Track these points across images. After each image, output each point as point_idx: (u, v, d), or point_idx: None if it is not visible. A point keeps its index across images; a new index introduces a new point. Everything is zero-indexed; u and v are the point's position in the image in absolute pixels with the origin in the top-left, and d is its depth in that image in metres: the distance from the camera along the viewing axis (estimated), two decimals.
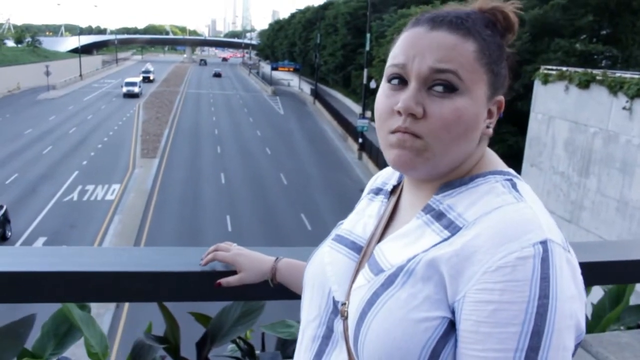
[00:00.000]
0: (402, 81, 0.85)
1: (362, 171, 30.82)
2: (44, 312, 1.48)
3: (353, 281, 0.89)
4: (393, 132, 0.84)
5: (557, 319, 0.71)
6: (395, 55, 0.87)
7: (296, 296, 1.23)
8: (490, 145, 0.93)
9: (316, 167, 31.48)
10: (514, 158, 18.47)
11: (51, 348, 1.53)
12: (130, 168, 29.74)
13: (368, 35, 34.73)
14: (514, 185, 0.84)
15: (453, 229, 0.81)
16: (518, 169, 18.08)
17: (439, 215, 0.84)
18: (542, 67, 17.46)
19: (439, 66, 0.82)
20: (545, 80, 16.83)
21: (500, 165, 0.90)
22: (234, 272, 1.25)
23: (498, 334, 0.71)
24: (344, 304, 0.89)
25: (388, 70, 0.87)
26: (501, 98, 0.88)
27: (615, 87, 13.95)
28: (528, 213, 0.78)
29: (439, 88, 0.82)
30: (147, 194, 25.10)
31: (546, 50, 22.38)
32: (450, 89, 0.82)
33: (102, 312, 13.75)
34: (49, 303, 1.28)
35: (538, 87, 17.27)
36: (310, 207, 24.03)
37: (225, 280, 1.23)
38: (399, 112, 0.83)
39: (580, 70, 15.84)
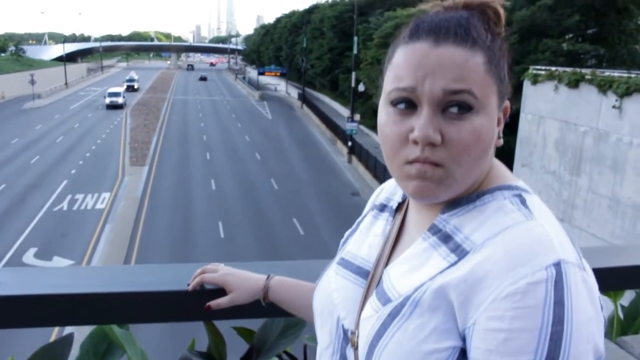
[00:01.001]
0: (410, 105, 0.79)
1: (353, 174, 30.85)
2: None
3: (362, 309, 0.86)
4: (410, 162, 0.79)
5: (572, 344, 0.67)
6: (400, 77, 0.79)
7: (289, 314, 1.22)
8: None
9: (306, 172, 31.47)
10: (505, 158, 18.56)
11: None
12: (120, 176, 29.56)
13: (355, 38, 34.82)
14: (523, 202, 0.79)
15: (460, 252, 0.77)
16: (510, 170, 18.21)
17: (445, 238, 0.80)
18: (531, 67, 17.59)
19: (454, 87, 0.76)
20: (535, 81, 16.95)
21: (509, 178, 0.85)
22: (224, 291, 1.21)
23: None
24: (353, 332, 0.86)
25: (393, 94, 0.80)
26: (507, 103, 0.84)
27: (604, 86, 14.08)
28: (539, 232, 0.73)
29: (455, 109, 0.77)
30: (138, 202, 24.95)
31: (534, 50, 22.55)
32: (466, 108, 0.77)
33: None
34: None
35: (527, 88, 17.39)
36: (302, 212, 24.01)
37: (215, 303, 1.19)
38: (415, 142, 0.78)
39: (569, 69, 15.97)
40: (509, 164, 18.18)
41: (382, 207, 1.00)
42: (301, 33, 63.96)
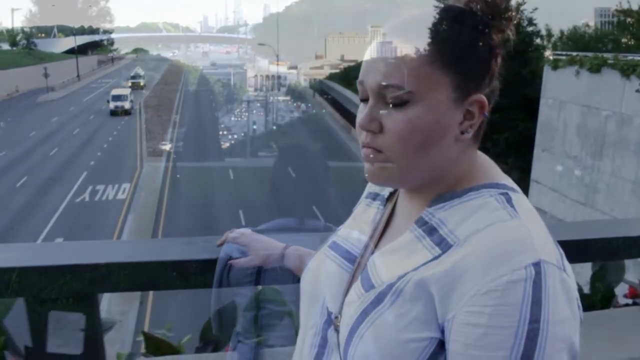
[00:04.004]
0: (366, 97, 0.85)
1: None
2: None
3: (346, 293, 0.88)
4: (363, 147, 0.85)
5: (548, 342, 0.70)
6: (361, 70, 0.86)
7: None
8: (501, 133, 0.88)
9: (322, 159, 31.61)
10: (525, 144, 18.58)
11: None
12: (139, 167, 29.88)
13: (369, 27, 34.76)
14: (508, 200, 0.81)
15: (444, 246, 0.79)
16: (530, 155, 18.24)
17: (430, 230, 0.82)
18: (551, 52, 17.59)
19: (384, 82, 0.80)
20: (555, 66, 16.94)
21: (497, 175, 0.86)
22: None
23: (487, 358, 0.71)
24: (336, 316, 0.88)
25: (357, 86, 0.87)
26: (479, 97, 0.82)
27: (627, 70, 14.07)
28: (521, 231, 0.76)
29: (390, 101, 0.81)
30: (158, 192, 25.24)
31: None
32: (400, 101, 0.80)
33: (126, 309, 13.91)
34: None
35: (548, 73, 17.38)
36: (320, 199, 24.14)
37: (235, 262, 1.30)
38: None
39: (590, 54, 15.95)
40: (530, 149, 18.20)
41: (375, 196, 1.02)
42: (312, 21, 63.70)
